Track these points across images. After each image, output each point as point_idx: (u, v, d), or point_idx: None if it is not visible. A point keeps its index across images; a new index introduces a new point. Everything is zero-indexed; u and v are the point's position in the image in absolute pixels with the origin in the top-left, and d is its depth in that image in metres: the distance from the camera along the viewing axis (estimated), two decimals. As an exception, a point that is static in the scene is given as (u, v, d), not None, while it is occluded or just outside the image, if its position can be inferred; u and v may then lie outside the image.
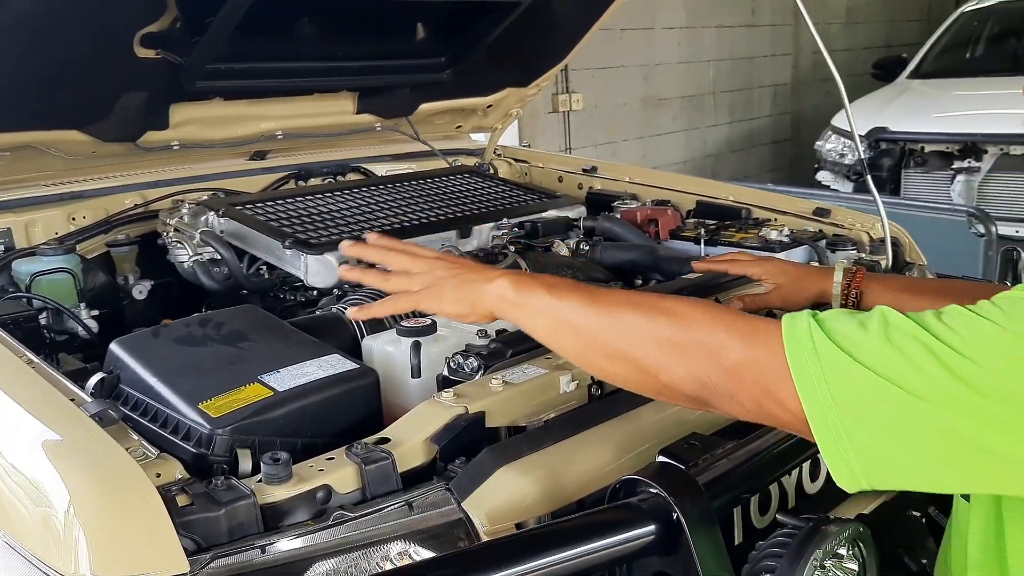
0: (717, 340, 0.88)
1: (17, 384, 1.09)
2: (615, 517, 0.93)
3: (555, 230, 2.00)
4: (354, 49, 2.20)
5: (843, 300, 1.44)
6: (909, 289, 1.43)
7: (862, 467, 0.81)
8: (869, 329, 0.82)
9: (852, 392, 0.80)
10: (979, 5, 6.73)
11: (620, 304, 0.97)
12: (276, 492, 0.97)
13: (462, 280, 1.09)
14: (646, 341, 0.93)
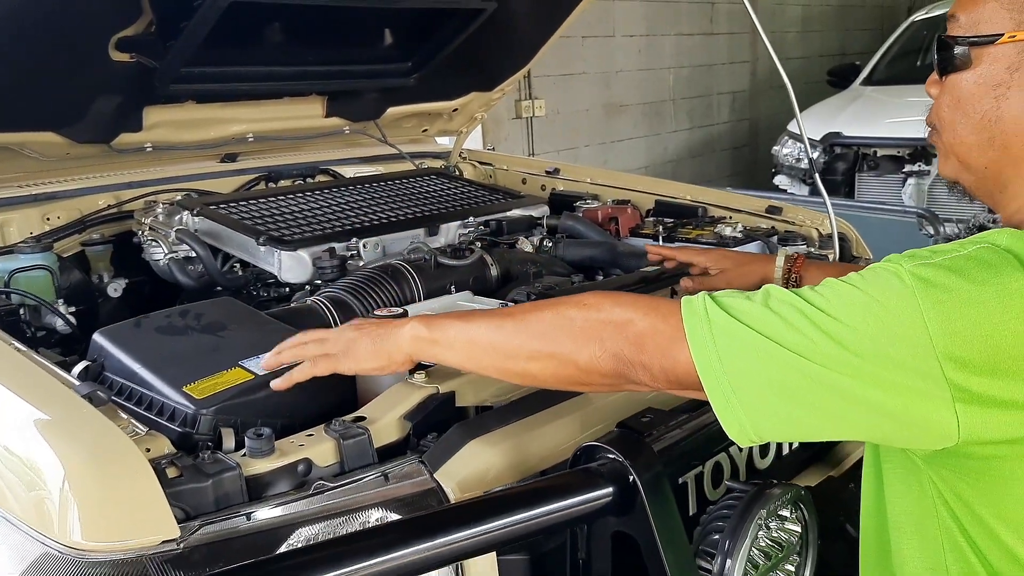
0: (624, 315, 0.97)
1: (9, 369, 1.14)
2: (576, 480, 1.00)
3: (519, 228, 2.08)
4: (323, 54, 2.27)
5: (784, 284, 1.53)
6: (845, 273, 1.53)
7: (749, 420, 0.91)
8: (753, 300, 0.93)
9: (737, 351, 0.90)
10: (928, 15, 6.95)
11: (528, 311, 1.04)
12: (260, 465, 1.04)
13: (373, 335, 1.12)
14: (559, 333, 1.00)
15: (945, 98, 1.02)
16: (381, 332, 1.12)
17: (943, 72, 1.01)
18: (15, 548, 0.98)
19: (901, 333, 0.86)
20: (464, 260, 1.75)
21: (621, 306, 0.98)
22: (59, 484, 0.95)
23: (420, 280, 1.68)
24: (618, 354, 0.96)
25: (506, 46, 2.53)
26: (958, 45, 0.98)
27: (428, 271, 1.70)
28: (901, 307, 0.87)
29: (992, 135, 0.98)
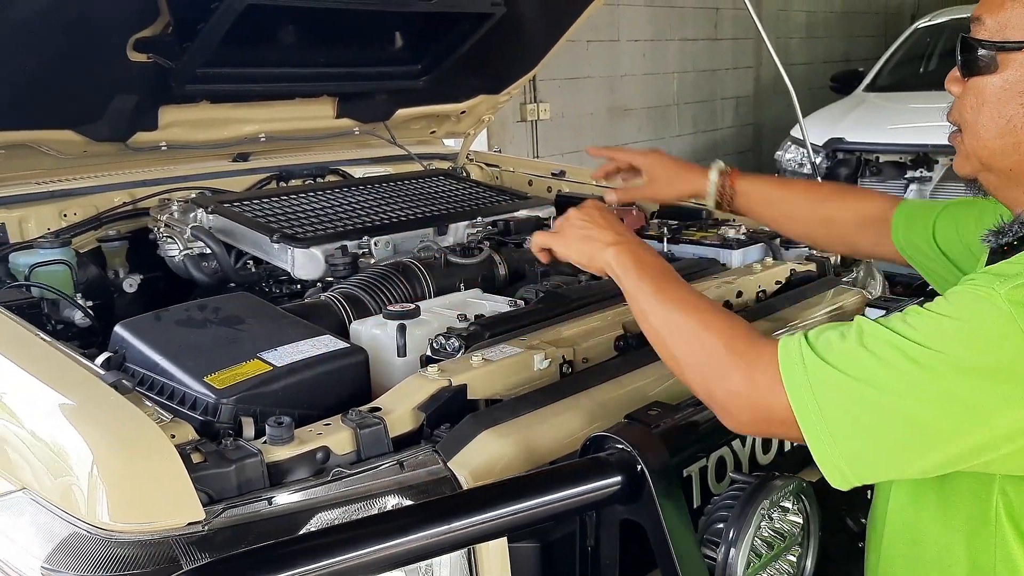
0: (724, 365, 1.02)
1: (38, 358, 1.18)
2: (585, 468, 1.04)
3: (526, 228, 2.11)
4: (335, 56, 2.31)
5: (717, 198, 1.57)
6: (778, 187, 1.58)
7: (850, 467, 0.93)
8: (847, 338, 0.95)
9: (834, 398, 0.92)
10: (931, 22, 6.99)
11: (674, 299, 1.12)
12: (280, 452, 1.07)
13: (586, 236, 1.26)
14: (678, 343, 1.09)
15: (969, 99, 1.02)
16: (594, 235, 1.25)
17: (967, 73, 1.01)
18: (42, 528, 1.01)
19: (1006, 361, 0.87)
20: (473, 259, 1.79)
21: (726, 352, 1.02)
22: (87, 467, 0.99)
23: (430, 278, 1.71)
24: (711, 395, 1.04)
25: (514, 50, 2.57)
26: (984, 49, 0.98)
27: (438, 269, 1.74)
28: (1003, 333, 0.87)
29: (1018, 140, 0.99)
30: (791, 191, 1.57)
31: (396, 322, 1.41)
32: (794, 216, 1.54)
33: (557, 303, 1.54)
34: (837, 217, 1.50)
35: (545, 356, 1.35)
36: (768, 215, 1.58)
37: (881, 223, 1.44)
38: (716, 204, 1.59)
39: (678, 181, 1.62)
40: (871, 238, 1.46)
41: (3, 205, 1.96)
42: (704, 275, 1.79)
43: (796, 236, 1.64)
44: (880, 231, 1.44)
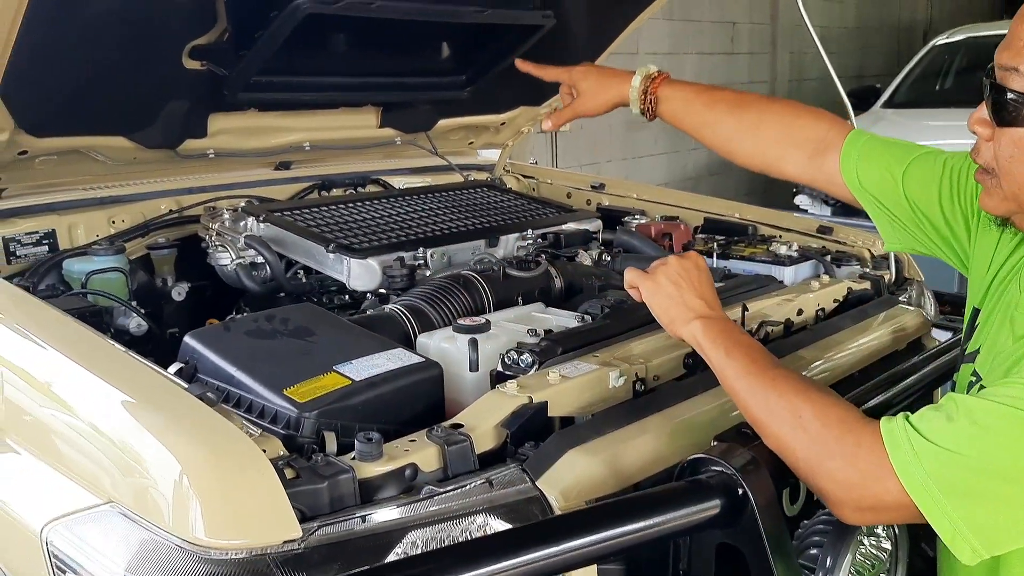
0: (825, 452, 1.02)
1: (119, 369, 1.16)
2: (685, 491, 1.02)
3: (576, 241, 2.10)
4: (382, 66, 2.30)
5: (641, 105, 1.50)
6: (705, 91, 1.49)
7: (981, 542, 0.95)
8: (955, 420, 0.96)
9: (953, 477, 0.94)
10: (949, 39, 7.00)
11: (767, 381, 1.11)
12: (370, 468, 1.05)
13: (674, 299, 1.24)
14: (775, 426, 1.08)
15: (1004, 148, 1.03)
16: (682, 300, 1.24)
17: (1001, 123, 1.02)
18: (132, 542, 0.99)
19: None
20: (531, 272, 1.77)
21: (827, 441, 1.02)
22: (180, 482, 0.97)
23: (490, 290, 1.70)
24: (814, 479, 1.04)
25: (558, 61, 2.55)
26: (1020, 102, 0.99)
27: (497, 282, 1.72)
28: None
29: None
30: (717, 96, 1.48)
31: (467, 336, 1.39)
32: (716, 123, 1.45)
33: (624, 319, 1.53)
34: (764, 126, 1.42)
35: (620, 373, 1.33)
36: (690, 122, 1.49)
37: (818, 144, 1.37)
38: (640, 111, 1.51)
39: (603, 91, 1.55)
40: (803, 158, 1.38)
41: (54, 211, 1.95)
42: (764, 292, 1.77)
43: (717, 147, 1.49)
44: (816, 152, 1.37)
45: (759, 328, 1.60)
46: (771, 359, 1.17)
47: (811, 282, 1.85)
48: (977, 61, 6.97)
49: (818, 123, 1.38)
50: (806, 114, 1.41)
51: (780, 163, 1.42)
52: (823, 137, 1.37)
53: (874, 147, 1.33)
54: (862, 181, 1.32)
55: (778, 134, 1.40)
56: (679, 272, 1.26)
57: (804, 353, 1.57)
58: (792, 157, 1.39)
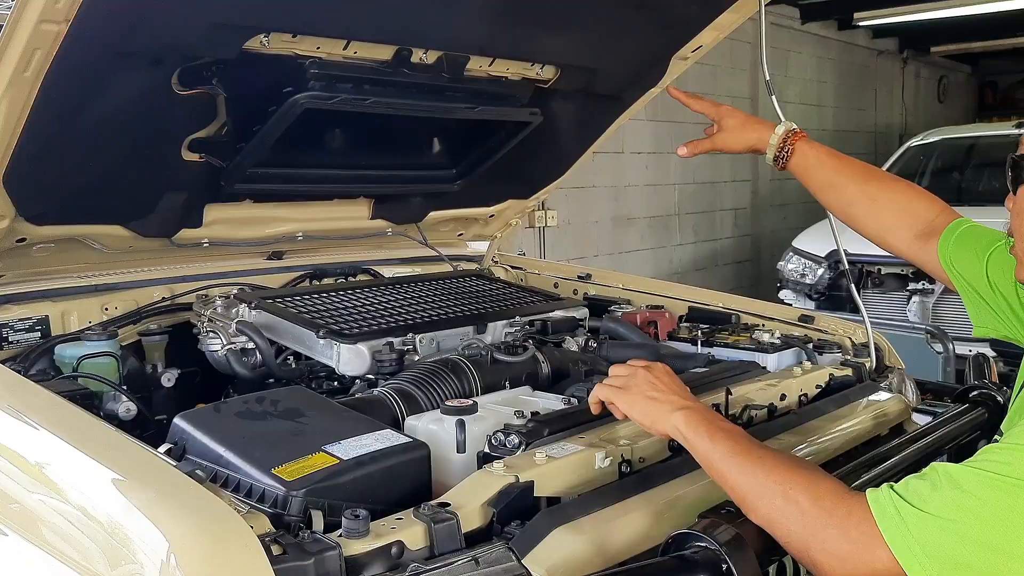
0: (816, 525, 1.04)
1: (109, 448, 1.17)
2: (670, 567, 1.03)
3: (563, 328, 2.14)
4: (374, 159, 2.39)
5: (777, 152, 1.62)
6: (835, 157, 1.60)
7: None
8: (939, 487, 0.99)
9: (940, 543, 0.96)
10: (923, 141, 7.25)
11: (752, 459, 1.14)
12: (357, 546, 1.06)
13: (651, 398, 1.29)
14: (765, 504, 1.11)
15: (1016, 209, 1.14)
16: (659, 398, 1.28)
17: (1014, 186, 1.14)
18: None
19: None
20: (519, 356, 1.80)
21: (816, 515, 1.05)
22: (166, 558, 0.97)
23: (478, 374, 1.72)
24: (804, 554, 1.06)
25: (545, 157, 2.65)
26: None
27: (485, 366, 1.75)
28: None
29: None
30: (845, 163, 1.59)
31: (454, 417, 1.41)
32: (840, 187, 1.56)
33: (611, 401, 1.54)
34: (883, 199, 1.52)
35: (606, 455, 1.35)
36: (817, 181, 1.60)
37: (926, 226, 1.46)
38: (774, 159, 1.63)
39: (745, 132, 1.66)
40: (910, 235, 1.48)
41: (48, 298, 1.97)
42: (747, 378, 1.80)
43: (836, 209, 1.62)
44: (922, 234, 1.46)
45: (743, 412, 1.62)
46: (754, 441, 1.20)
47: (794, 368, 1.89)
48: (951, 162, 7.22)
49: (931, 207, 1.49)
50: (921, 197, 1.52)
51: (889, 236, 1.52)
52: (932, 220, 1.46)
53: (969, 233, 1.43)
54: (954, 264, 1.41)
55: (893, 210, 1.50)
56: (649, 379, 1.32)
57: (788, 437, 1.59)
58: (901, 233, 1.49)
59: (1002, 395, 1.71)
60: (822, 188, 1.60)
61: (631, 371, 1.35)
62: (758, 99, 8.34)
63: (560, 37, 2.16)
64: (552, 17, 2.07)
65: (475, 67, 2.11)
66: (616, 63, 2.32)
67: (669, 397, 1.28)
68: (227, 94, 1.86)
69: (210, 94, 1.84)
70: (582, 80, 2.34)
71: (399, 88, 2.01)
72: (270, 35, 1.73)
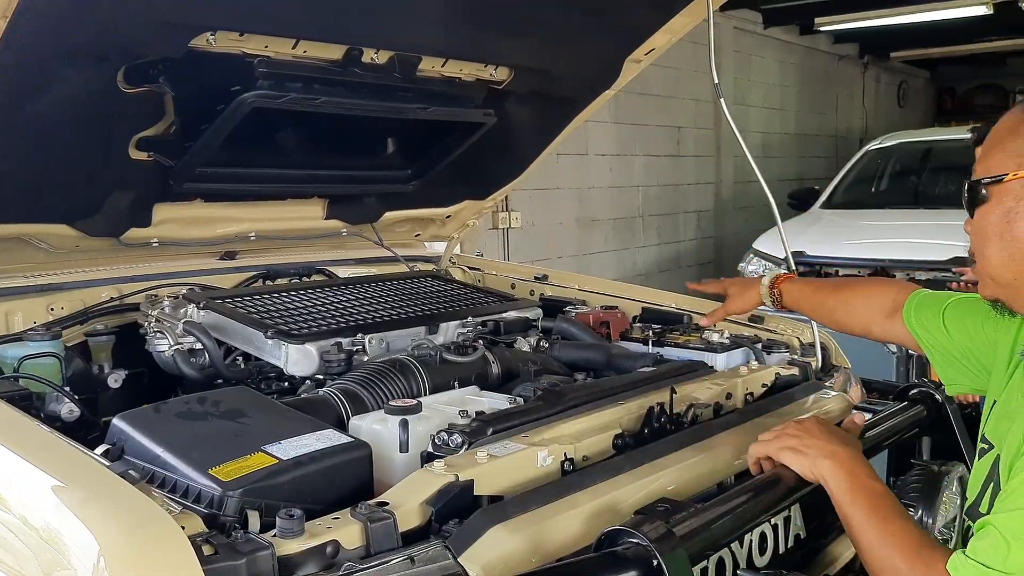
0: None
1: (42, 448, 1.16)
2: (601, 563, 1.04)
3: (515, 329, 2.15)
4: (328, 159, 2.38)
5: (771, 298, 1.91)
6: (810, 285, 1.89)
7: None
8: (1009, 544, 1.09)
9: None
10: (881, 145, 7.37)
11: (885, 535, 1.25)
12: (291, 545, 1.06)
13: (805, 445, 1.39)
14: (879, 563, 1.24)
15: (973, 232, 1.25)
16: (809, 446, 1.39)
17: (971, 209, 1.24)
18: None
19: None
20: (468, 357, 1.81)
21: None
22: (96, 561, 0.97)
23: (426, 375, 1.72)
24: None
25: (502, 158, 2.66)
26: (977, 187, 1.23)
27: (434, 366, 1.75)
28: None
29: (1011, 252, 1.20)
30: (822, 287, 1.89)
31: (398, 417, 1.41)
32: (823, 304, 1.82)
33: (556, 401, 1.56)
34: (852, 299, 1.75)
35: (548, 453, 1.36)
36: (807, 307, 1.88)
37: (890, 304, 1.64)
38: (772, 302, 1.92)
39: (745, 295, 1.98)
40: (881, 319, 1.66)
41: (-9, 297, 1.94)
42: (694, 377, 1.82)
43: (827, 323, 1.87)
44: (890, 313, 1.64)
45: (688, 410, 1.64)
46: (892, 508, 1.30)
47: (740, 368, 1.91)
48: (909, 165, 7.34)
49: (889, 290, 1.68)
50: (882, 284, 1.75)
51: (868, 327, 1.71)
52: (893, 300, 1.64)
53: (927, 298, 1.59)
54: (917, 329, 1.57)
55: (861, 306, 1.72)
56: (800, 429, 1.43)
57: (733, 433, 1.61)
58: (875, 321, 1.68)
59: (940, 393, 1.75)
60: (812, 312, 1.88)
61: (782, 426, 1.47)
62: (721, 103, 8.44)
63: (513, 39, 2.18)
64: (505, 19, 2.08)
65: (428, 68, 2.12)
66: (570, 65, 2.33)
67: (819, 444, 1.38)
68: (175, 93, 1.84)
69: (157, 92, 1.82)
70: (536, 82, 2.35)
71: (350, 88, 2.01)
72: (216, 33, 1.72)
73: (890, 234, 6.21)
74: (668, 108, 7.72)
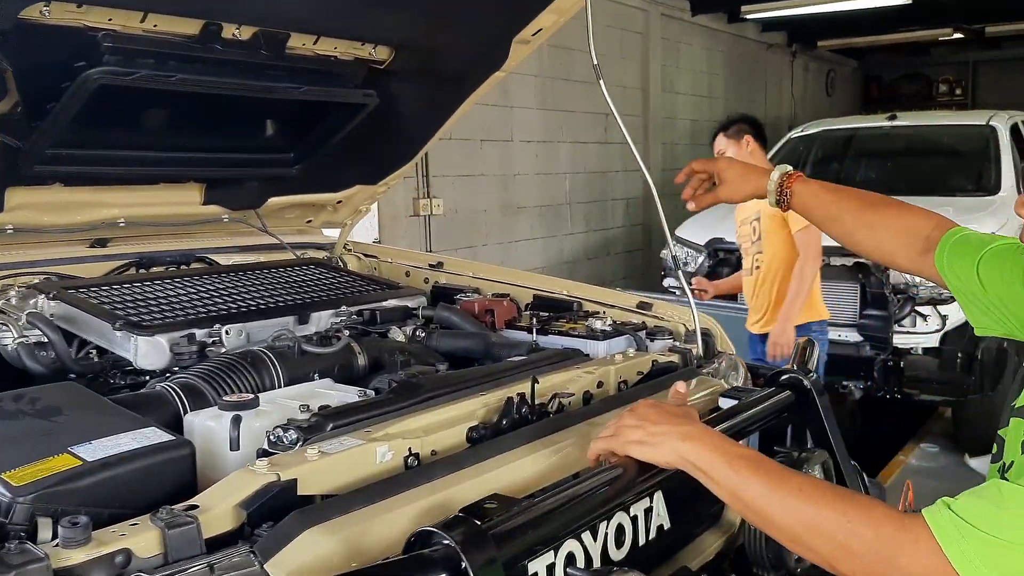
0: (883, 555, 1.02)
1: None
2: (407, 566, 0.98)
3: (394, 318, 2.08)
4: (202, 141, 2.27)
5: (777, 196, 1.64)
6: (830, 191, 1.64)
7: None
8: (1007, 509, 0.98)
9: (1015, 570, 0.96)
10: (804, 132, 7.46)
11: (795, 493, 1.11)
12: (73, 555, 0.97)
13: (649, 434, 1.25)
14: (821, 540, 1.07)
15: None
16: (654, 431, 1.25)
17: None
18: None
19: None
20: (329, 348, 1.73)
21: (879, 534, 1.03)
22: None
23: (282, 367, 1.64)
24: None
25: (391, 141, 2.58)
26: None
27: (291, 358, 1.67)
28: None
29: None
30: (842, 195, 1.63)
31: (231, 413, 1.33)
32: (840, 219, 1.61)
33: (410, 393, 1.49)
34: (880, 225, 1.57)
35: (389, 448, 1.29)
36: (818, 216, 1.65)
37: (922, 241, 1.50)
38: (776, 201, 1.65)
39: (746, 181, 1.69)
40: (909, 252, 1.53)
41: None
42: (566, 365, 1.78)
43: (840, 239, 1.66)
44: (922, 250, 1.50)
45: (551, 399, 1.59)
46: (778, 465, 1.17)
47: (615, 356, 1.87)
48: (831, 153, 7.45)
49: (926, 223, 1.52)
50: (916, 215, 1.56)
51: (893, 257, 1.57)
52: (928, 235, 1.50)
53: (962, 241, 1.46)
54: (948, 272, 1.45)
55: (891, 235, 1.56)
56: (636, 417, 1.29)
57: (596, 423, 1.57)
58: (902, 253, 1.54)
59: (808, 379, 1.73)
60: (823, 222, 1.66)
61: (616, 418, 1.33)
62: (648, 90, 8.45)
63: (390, 16, 2.09)
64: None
65: (298, 45, 2.02)
66: (454, 45, 2.26)
67: (662, 428, 1.25)
68: (13, 68, 1.71)
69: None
70: (419, 62, 2.27)
71: (210, 65, 1.90)
72: (51, 4, 1.60)
73: (809, 220, 6.29)
74: (594, 94, 7.67)
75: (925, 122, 7.23)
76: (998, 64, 13.93)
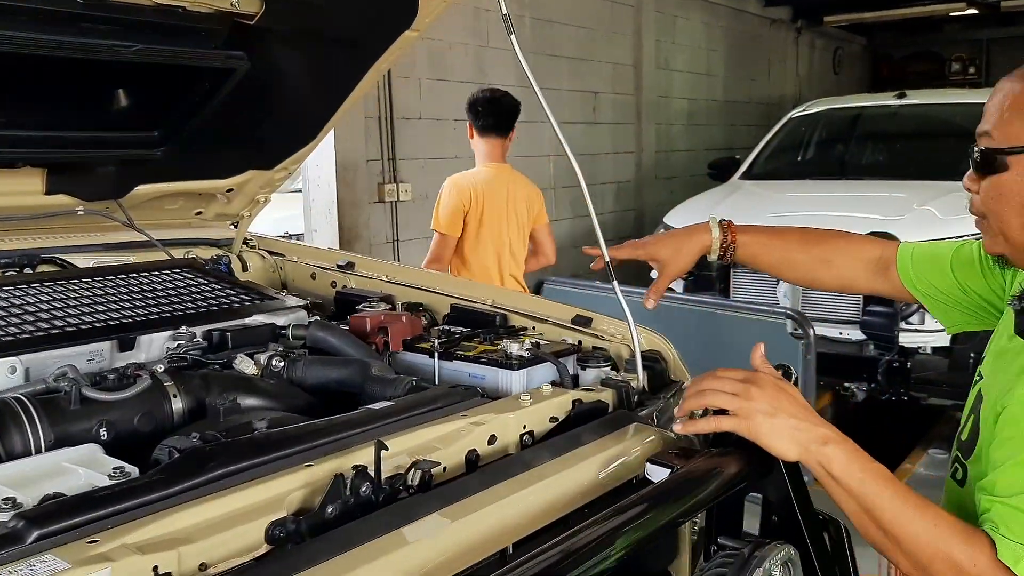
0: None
1: None
2: None
3: (253, 340, 1.63)
4: (38, 117, 1.83)
5: (721, 252, 1.64)
6: (775, 236, 1.66)
7: None
8: None
9: None
10: (806, 112, 6.96)
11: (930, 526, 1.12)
12: None
13: (794, 425, 1.20)
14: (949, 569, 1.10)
15: (989, 193, 1.22)
16: (799, 428, 1.20)
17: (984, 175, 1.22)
18: None
19: None
20: (124, 392, 1.28)
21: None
22: None
23: (46, 421, 1.20)
24: None
25: (282, 118, 2.13)
26: (997, 155, 1.19)
27: (63, 409, 1.22)
28: None
29: None
30: (786, 239, 1.65)
31: None
32: (793, 262, 1.65)
33: (193, 468, 1.05)
34: (834, 258, 1.63)
35: (112, 572, 0.85)
36: (767, 262, 1.67)
37: (875, 263, 1.59)
38: (719, 257, 1.65)
39: (682, 253, 1.67)
40: (867, 275, 1.60)
41: None
42: (449, 414, 1.33)
43: (798, 281, 1.71)
44: (878, 270, 1.58)
45: (410, 471, 1.14)
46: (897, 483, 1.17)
47: (520, 397, 1.42)
48: (836, 133, 6.94)
49: (873, 246, 1.62)
50: (861, 241, 1.65)
51: (854, 283, 1.63)
52: (880, 256, 1.59)
53: (922, 251, 1.54)
54: (919, 284, 1.53)
55: (848, 261, 1.62)
56: (783, 393, 1.22)
57: (474, 504, 1.12)
58: (863, 277, 1.61)
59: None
60: (776, 268, 1.68)
61: (748, 375, 1.25)
62: (641, 67, 7.95)
63: (251, -46, 1.64)
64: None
65: (129, -10, 1.57)
66: (342, -3, 1.81)
67: (808, 425, 1.20)
68: None
69: None
70: (300, 18, 1.81)
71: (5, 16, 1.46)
72: None
73: (809, 206, 5.81)
74: (582, 72, 7.21)
75: (936, 100, 6.71)
76: (1013, 42, 13.27)
